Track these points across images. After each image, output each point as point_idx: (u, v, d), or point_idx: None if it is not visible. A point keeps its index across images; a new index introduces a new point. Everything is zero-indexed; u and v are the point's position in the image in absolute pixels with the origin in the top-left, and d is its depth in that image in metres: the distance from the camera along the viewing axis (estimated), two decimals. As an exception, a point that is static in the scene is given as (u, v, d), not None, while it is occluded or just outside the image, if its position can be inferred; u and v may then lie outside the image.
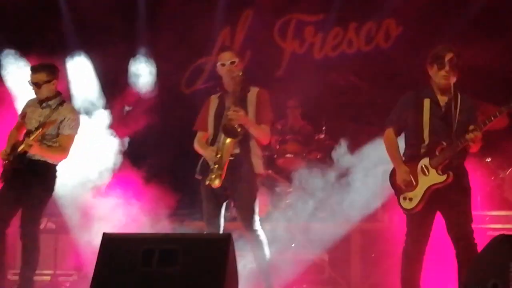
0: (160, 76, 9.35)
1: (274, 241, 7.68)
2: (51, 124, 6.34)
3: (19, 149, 6.34)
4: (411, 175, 5.61)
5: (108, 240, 5.11)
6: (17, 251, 6.92)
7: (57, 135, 6.49)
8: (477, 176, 7.99)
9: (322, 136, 9.09)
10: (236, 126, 5.74)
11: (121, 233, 6.45)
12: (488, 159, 8.28)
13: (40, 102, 6.67)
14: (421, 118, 5.66)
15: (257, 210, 6.03)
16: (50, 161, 6.51)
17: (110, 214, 7.82)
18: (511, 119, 8.13)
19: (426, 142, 5.62)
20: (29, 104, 6.81)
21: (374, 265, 7.72)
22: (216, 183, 5.77)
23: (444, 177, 5.45)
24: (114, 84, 9.16)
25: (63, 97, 6.79)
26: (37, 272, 7.35)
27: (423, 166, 5.57)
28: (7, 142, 6.62)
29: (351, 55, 10.02)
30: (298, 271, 7.63)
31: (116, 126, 8.55)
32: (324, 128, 9.11)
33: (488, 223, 7.44)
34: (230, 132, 5.75)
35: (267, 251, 5.99)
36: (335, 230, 8.03)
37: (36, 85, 6.62)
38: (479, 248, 5.17)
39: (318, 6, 9.99)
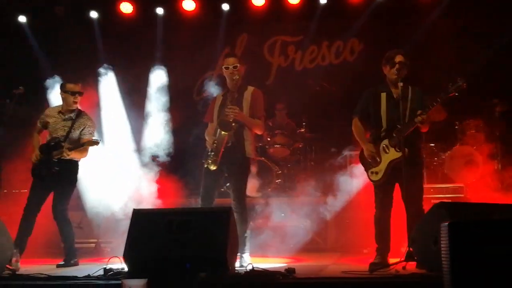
0: (175, 87, 9.31)
1: (267, 212, 7.74)
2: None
3: (56, 154, 6.32)
4: (375, 154, 5.65)
5: (137, 214, 5.15)
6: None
7: (79, 139, 6.45)
8: (424, 157, 8.03)
9: (303, 130, 9.09)
10: (230, 121, 5.72)
11: (147, 208, 6.49)
12: (432, 144, 8.30)
13: (62, 113, 6.53)
14: (379, 108, 5.71)
15: (245, 190, 5.97)
16: (75, 159, 6.49)
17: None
18: (448, 112, 8.17)
19: (384, 126, 5.67)
20: (49, 114, 6.60)
21: (346, 228, 7.74)
22: (212, 167, 5.77)
23: (400, 153, 5.45)
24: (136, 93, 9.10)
25: (80, 110, 6.64)
26: (83, 240, 7.42)
27: (384, 146, 5.63)
28: (34, 147, 6.50)
29: (324, 67, 10.00)
30: (287, 235, 7.64)
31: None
32: (304, 123, 9.10)
33: (432, 193, 7.45)
34: (224, 126, 5.74)
35: (247, 225, 5.90)
36: (315, 202, 8.05)
37: (79, 94, 6.52)
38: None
39: (297, 29, 9.97)
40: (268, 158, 8.71)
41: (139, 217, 5.13)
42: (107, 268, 5.04)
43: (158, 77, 8.74)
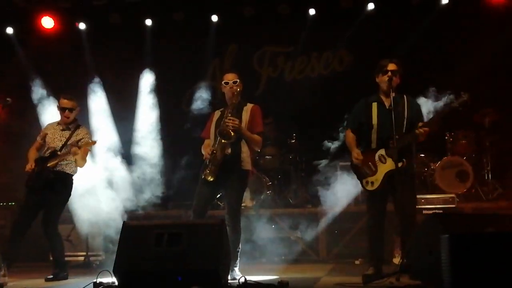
0: (164, 96, 9.28)
1: (259, 223, 7.68)
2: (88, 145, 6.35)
3: (50, 164, 6.29)
4: (370, 163, 5.52)
5: (127, 227, 5.06)
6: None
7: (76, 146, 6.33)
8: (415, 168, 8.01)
9: (293, 141, 9.04)
10: (229, 130, 5.66)
11: (137, 221, 6.40)
12: (422, 155, 8.28)
13: (60, 125, 6.58)
14: (371, 117, 5.61)
15: (240, 202, 5.87)
16: (69, 172, 6.43)
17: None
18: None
19: (377, 135, 5.56)
20: (49, 127, 6.68)
21: (338, 239, 7.69)
22: (210, 178, 5.67)
23: (399, 164, 5.33)
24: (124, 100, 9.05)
25: (78, 122, 6.68)
26: (72, 254, 7.31)
27: (380, 155, 5.50)
28: (30, 159, 6.47)
29: (313, 78, 9.97)
30: (278, 245, 7.59)
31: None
32: (294, 135, 9.06)
33: (423, 204, 7.41)
34: (224, 135, 5.66)
35: (239, 238, 5.79)
36: (306, 213, 8.01)
37: (70, 110, 6.52)
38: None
39: (287, 40, 9.94)
40: (258, 169, 8.64)
41: (129, 230, 5.04)
42: (97, 282, 4.94)
43: (147, 87, 8.74)
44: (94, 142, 6.42)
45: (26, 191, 6.40)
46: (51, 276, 6.17)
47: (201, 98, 8.91)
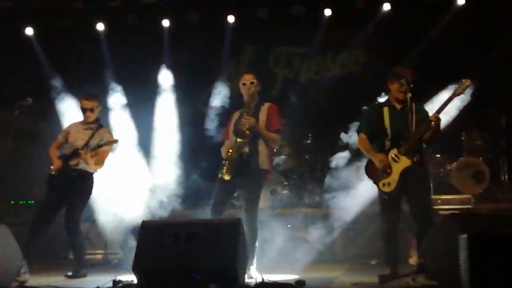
0: (181, 97, 9.33)
1: (275, 223, 7.69)
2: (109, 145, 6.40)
3: (72, 162, 6.35)
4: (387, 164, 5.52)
5: (146, 226, 5.10)
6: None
7: (98, 147, 6.40)
8: (431, 168, 7.99)
9: (309, 141, 9.04)
10: (245, 129, 5.68)
11: (156, 220, 6.44)
12: (438, 155, 8.26)
13: (83, 124, 6.64)
14: (383, 121, 5.64)
15: (257, 202, 5.87)
16: (91, 170, 6.48)
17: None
18: (453, 124, 8.14)
19: (389, 137, 5.59)
20: (71, 127, 6.76)
21: (354, 240, 7.69)
22: (226, 177, 5.70)
23: (412, 159, 5.38)
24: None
25: (100, 122, 6.75)
26: (91, 252, 7.37)
27: (393, 156, 5.50)
28: (53, 157, 6.53)
29: (329, 78, 9.97)
30: (294, 246, 7.59)
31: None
32: (310, 135, 9.06)
33: (439, 204, 7.41)
34: (240, 133, 5.70)
35: (256, 238, 5.80)
36: (321, 213, 8.01)
37: (91, 110, 6.59)
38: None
39: (302, 41, 9.93)
40: (274, 169, 8.65)
41: (148, 229, 5.08)
42: (116, 280, 4.99)
43: (165, 87, 8.81)
44: (116, 141, 6.46)
45: (47, 189, 6.44)
46: (71, 273, 6.22)
47: (217, 98, 8.98)
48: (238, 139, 5.71)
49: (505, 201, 7.84)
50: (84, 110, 6.61)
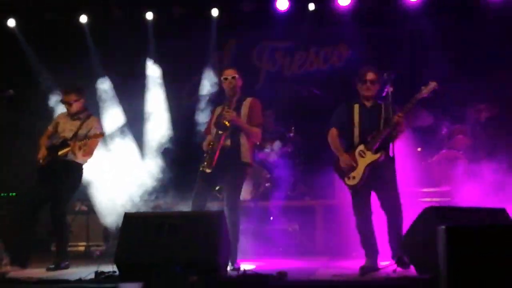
0: (166, 89, 9.30)
1: (256, 215, 7.70)
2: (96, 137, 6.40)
3: (61, 152, 6.34)
4: (351, 160, 5.70)
5: (128, 217, 5.10)
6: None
7: (85, 138, 6.38)
8: (412, 161, 8.02)
9: (291, 134, 9.05)
10: (226, 122, 5.70)
11: (138, 212, 6.43)
12: (419, 149, 8.29)
13: (71, 115, 6.63)
14: (353, 118, 5.82)
15: (238, 195, 5.91)
16: (80, 161, 6.48)
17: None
18: (434, 118, 8.21)
19: (357, 133, 5.77)
20: (60, 117, 6.79)
21: (335, 231, 7.70)
22: (207, 170, 5.73)
23: (378, 155, 5.59)
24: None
25: (89, 112, 6.75)
26: (73, 244, 7.34)
27: (360, 151, 5.70)
28: (41, 147, 6.55)
29: (312, 72, 9.97)
30: (276, 237, 7.61)
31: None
32: (293, 128, 9.07)
33: (420, 197, 7.45)
34: (220, 126, 5.74)
35: (237, 231, 5.83)
36: (303, 206, 8.04)
37: (68, 103, 6.60)
38: (414, 215, 5.20)
39: (286, 35, 9.91)
40: (257, 162, 8.65)
41: (130, 220, 5.08)
42: (98, 271, 4.97)
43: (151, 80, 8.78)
44: (102, 135, 6.48)
45: (36, 181, 6.45)
46: (53, 266, 6.18)
47: (201, 91, 8.99)
48: (219, 132, 5.73)
49: (484, 194, 7.89)
50: (64, 103, 6.66)
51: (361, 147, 5.68)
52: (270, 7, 9.43)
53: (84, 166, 6.57)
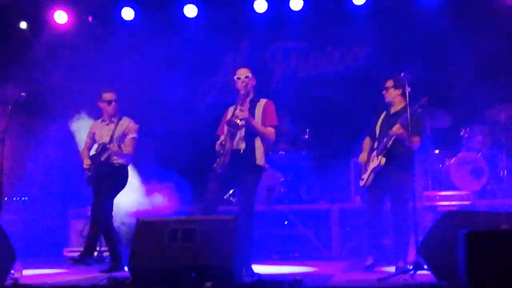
0: (178, 91, 9.33)
1: (272, 219, 7.70)
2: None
3: (104, 157, 6.52)
4: (366, 163, 6.17)
5: (141, 223, 5.10)
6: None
7: (123, 138, 6.58)
8: (429, 164, 8.00)
9: (306, 136, 9.03)
10: (238, 120, 5.70)
11: (151, 218, 6.43)
12: (437, 151, 8.24)
13: (104, 121, 6.78)
14: (377, 123, 6.24)
15: (253, 199, 5.84)
16: (123, 162, 6.62)
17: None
18: (453, 119, 8.15)
19: (376, 138, 6.18)
20: (94, 126, 6.92)
21: (351, 236, 7.69)
22: (219, 170, 5.71)
23: (379, 160, 5.94)
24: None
25: (121, 115, 6.84)
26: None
27: (372, 155, 6.11)
28: (84, 158, 6.72)
29: (327, 73, 9.95)
30: (291, 242, 7.60)
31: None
32: (308, 130, 9.04)
33: (438, 201, 7.41)
34: (232, 125, 5.72)
35: (252, 236, 5.79)
36: (318, 210, 8.02)
37: (115, 101, 6.73)
38: (431, 219, 5.22)
39: (300, 35, 9.90)
40: (271, 165, 8.65)
41: (143, 226, 5.08)
42: (111, 277, 4.98)
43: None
44: (136, 127, 6.63)
45: (92, 190, 6.59)
46: (107, 269, 6.26)
47: (213, 93, 8.99)
48: (232, 131, 5.75)
49: (504, 198, 7.83)
50: (109, 102, 6.71)
51: (375, 152, 6.07)
52: (283, 7, 9.43)
53: (128, 167, 6.72)
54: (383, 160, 5.90)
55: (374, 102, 6.61)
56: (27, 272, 5.93)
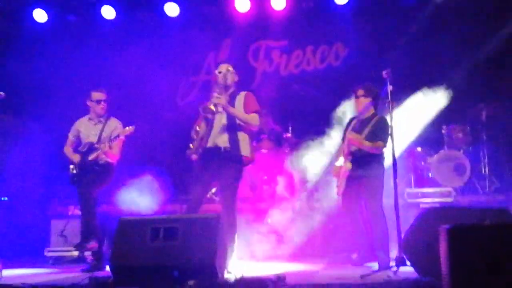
0: (159, 89, 9.28)
1: (253, 217, 7.67)
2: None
3: (92, 157, 6.52)
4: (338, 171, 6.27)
5: (123, 222, 5.06)
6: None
7: (111, 139, 6.56)
8: (411, 161, 8.03)
9: (289, 135, 9.03)
10: (211, 105, 5.66)
11: (133, 216, 6.38)
12: (419, 148, 8.28)
13: (92, 120, 6.75)
14: (345, 131, 6.40)
15: (235, 198, 5.79)
16: (110, 160, 6.63)
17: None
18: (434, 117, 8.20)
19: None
20: (80, 124, 6.83)
21: (333, 233, 7.67)
22: (193, 156, 5.74)
23: (346, 166, 6.04)
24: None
25: (109, 115, 6.82)
26: (66, 249, 7.30)
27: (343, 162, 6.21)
28: (71, 155, 6.69)
29: (309, 72, 9.97)
30: (273, 241, 7.57)
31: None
32: (290, 128, 9.04)
33: (420, 198, 7.45)
34: (206, 110, 5.70)
35: (234, 233, 5.73)
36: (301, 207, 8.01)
37: (104, 101, 6.71)
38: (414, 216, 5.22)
39: (282, 34, 9.92)
40: (254, 163, 8.63)
41: (125, 225, 5.04)
42: (93, 276, 4.94)
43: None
44: (131, 129, 6.54)
45: (76, 189, 6.55)
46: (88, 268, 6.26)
47: (195, 92, 8.94)
48: (206, 116, 5.75)
49: (486, 194, 7.91)
50: (98, 101, 6.70)
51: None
52: (265, 6, 9.43)
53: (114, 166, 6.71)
54: (349, 165, 6.00)
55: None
56: (7, 272, 5.87)
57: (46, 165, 8.28)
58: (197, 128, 5.81)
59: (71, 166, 6.61)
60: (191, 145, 5.79)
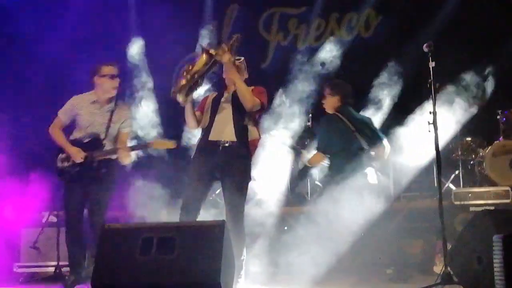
0: (154, 67, 9.35)
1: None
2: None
3: (99, 156, 6.19)
4: None
5: (108, 231, 5.09)
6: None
7: (118, 134, 6.38)
8: (458, 155, 8.04)
9: (309, 123, 9.03)
10: (211, 50, 5.71)
11: (120, 224, 6.43)
12: (469, 139, 8.27)
13: (98, 102, 6.34)
14: None
15: (243, 204, 5.79)
16: (124, 161, 6.37)
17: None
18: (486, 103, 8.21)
19: None
20: (79, 104, 6.36)
21: (363, 246, 7.71)
22: (180, 98, 5.75)
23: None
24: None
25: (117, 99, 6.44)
26: (40, 264, 7.38)
27: None
28: (63, 144, 6.26)
29: (333, 45, 9.96)
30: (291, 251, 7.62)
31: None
32: (310, 115, 9.05)
33: (470, 199, 7.43)
34: (204, 50, 5.73)
35: (244, 245, 5.77)
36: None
37: (119, 77, 6.34)
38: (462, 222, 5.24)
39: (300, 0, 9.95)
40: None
41: (110, 234, 5.07)
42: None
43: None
44: (171, 145, 6.37)
45: (69, 186, 6.31)
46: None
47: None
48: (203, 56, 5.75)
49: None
50: (112, 76, 6.28)
51: None
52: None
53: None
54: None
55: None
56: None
57: (19, 167, 8.31)
58: (190, 67, 5.73)
59: (62, 156, 6.25)
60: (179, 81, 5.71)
